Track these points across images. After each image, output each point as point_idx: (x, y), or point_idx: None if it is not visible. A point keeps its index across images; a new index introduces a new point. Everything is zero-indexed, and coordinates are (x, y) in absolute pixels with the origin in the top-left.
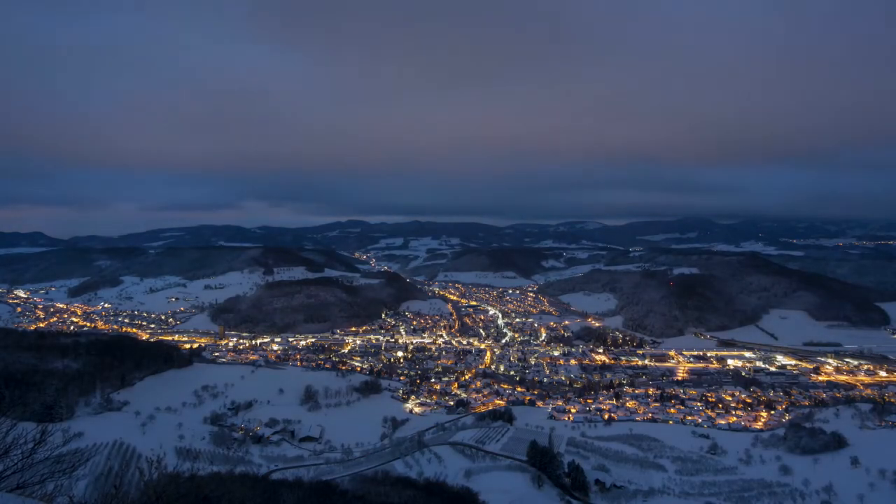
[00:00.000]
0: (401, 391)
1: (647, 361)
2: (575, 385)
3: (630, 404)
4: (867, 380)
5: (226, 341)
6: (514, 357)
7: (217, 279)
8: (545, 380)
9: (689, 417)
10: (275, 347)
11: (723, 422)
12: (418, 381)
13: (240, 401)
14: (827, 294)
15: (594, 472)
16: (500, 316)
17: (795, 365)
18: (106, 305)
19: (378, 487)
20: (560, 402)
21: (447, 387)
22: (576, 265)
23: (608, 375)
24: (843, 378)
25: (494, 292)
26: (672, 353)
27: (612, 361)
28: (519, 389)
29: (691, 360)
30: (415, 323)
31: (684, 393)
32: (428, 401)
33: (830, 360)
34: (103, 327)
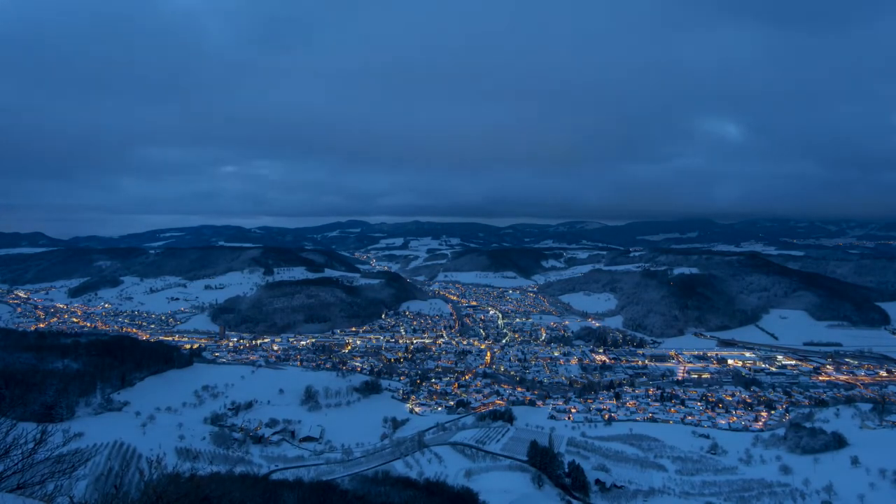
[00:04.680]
0: (401, 391)
1: (647, 361)
2: (575, 385)
3: (630, 404)
4: (867, 379)
5: (226, 341)
6: (514, 357)
7: (217, 279)
8: (545, 380)
9: (690, 417)
10: (275, 347)
11: (723, 422)
12: (418, 382)
13: (240, 401)
14: (827, 294)
15: (594, 472)
16: (501, 316)
17: (795, 365)
18: (106, 306)
19: (378, 487)
20: (560, 403)
21: (447, 387)
22: (576, 265)
23: (608, 375)
24: (843, 378)
25: (494, 292)
26: (672, 353)
27: (612, 361)
28: (519, 389)
29: (691, 360)
30: (415, 323)
31: (684, 393)
32: (428, 401)
33: (830, 360)
34: (103, 327)
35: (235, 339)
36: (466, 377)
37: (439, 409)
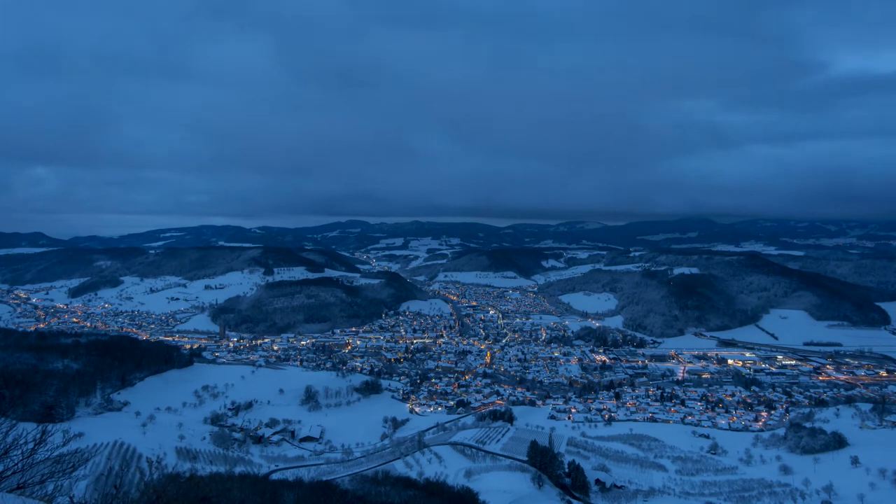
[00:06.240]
0: (401, 391)
1: (647, 361)
2: (575, 385)
3: (630, 404)
4: (868, 379)
5: (226, 341)
6: (514, 357)
7: (217, 279)
8: (545, 380)
9: (690, 417)
10: (275, 347)
11: (723, 422)
12: (419, 382)
13: (240, 401)
14: (827, 294)
15: (594, 472)
16: (501, 316)
17: (796, 365)
18: (106, 306)
19: (378, 487)
20: (560, 402)
21: (447, 387)
22: (576, 265)
23: (608, 375)
24: (843, 378)
25: (494, 292)
26: (672, 353)
27: (613, 361)
28: (519, 389)
29: (691, 360)
30: (415, 323)
31: (684, 393)
32: (428, 401)
33: (830, 360)
34: (103, 328)
35: (235, 339)
36: (466, 377)
37: (439, 409)
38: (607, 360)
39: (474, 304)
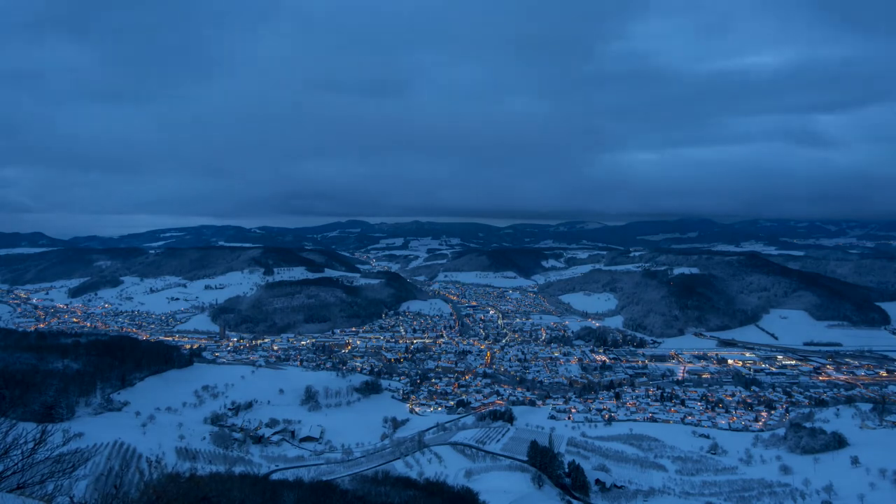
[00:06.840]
0: (401, 391)
1: (647, 361)
2: (575, 385)
3: (630, 404)
4: (868, 379)
5: (226, 341)
6: (514, 357)
7: (217, 279)
8: (545, 380)
9: (690, 417)
10: (275, 347)
11: (723, 422)
12: (419, 382)
13: (240, 401)
14: (827, 294)
15: (594, 472)
16: (501, 316)
17: (796, 365)
18: (106, 306)
19: (378, 487)
20: (560, 402)
21: (447, 387)
22: (576, 265)
23: (608, 375)
24: (843, 378)
25: (494, 292)
26: (672, 353)
27: (613, 361)
28: (519, 389)
29: (691, 360)
30: (415, 323)
31: (684, 393)
32: (428, 401)
33: (831, 360)
34: (103, 328)
35: (235, 339)
36: (466, 377)
37: (439, 409)
38: (607, 360)
39: (474, 304)
